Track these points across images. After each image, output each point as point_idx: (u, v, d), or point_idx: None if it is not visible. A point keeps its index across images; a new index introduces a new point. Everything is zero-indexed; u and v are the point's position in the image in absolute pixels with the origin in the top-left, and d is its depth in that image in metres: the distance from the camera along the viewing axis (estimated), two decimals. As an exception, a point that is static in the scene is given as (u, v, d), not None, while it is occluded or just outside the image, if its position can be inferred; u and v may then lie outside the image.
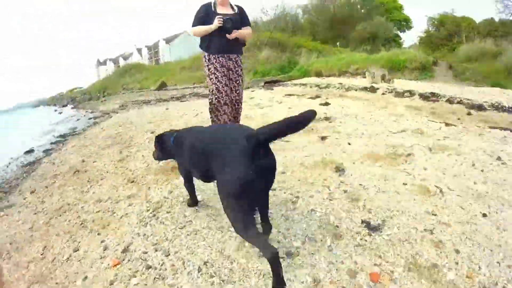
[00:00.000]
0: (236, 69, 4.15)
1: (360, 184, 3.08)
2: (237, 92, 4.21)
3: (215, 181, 1.96)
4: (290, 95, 10.21)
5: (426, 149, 3.97)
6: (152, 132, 6.08)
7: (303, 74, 15.92)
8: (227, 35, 3.92)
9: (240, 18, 4.05)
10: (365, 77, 11.67)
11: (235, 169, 1.68)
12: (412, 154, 3.79)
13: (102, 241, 2.58)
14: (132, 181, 3.76)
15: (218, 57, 4.01)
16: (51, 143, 8.38)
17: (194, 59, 29.48)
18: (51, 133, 11.09)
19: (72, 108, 26.78)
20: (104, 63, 70.24)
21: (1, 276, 2.57)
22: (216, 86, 4.02)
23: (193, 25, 4.02)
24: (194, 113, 7.72)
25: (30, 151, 7.91)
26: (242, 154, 1.67)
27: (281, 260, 1.77)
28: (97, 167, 4.64)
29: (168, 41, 55.09)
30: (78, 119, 14.08)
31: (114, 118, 10.63)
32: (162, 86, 22.69)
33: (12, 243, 2.96)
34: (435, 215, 2.48)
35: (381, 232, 2.29)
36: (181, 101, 11.79)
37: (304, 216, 2.56)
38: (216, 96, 4.05)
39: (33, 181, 4.80)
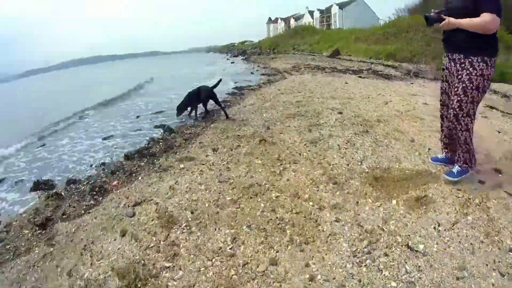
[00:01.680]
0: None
1: None
2: None
3: None
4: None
5: None
6: (340, 113, 5.14)
7: None
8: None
9: None
10: None
11: None
12: None
13: (306, 265, 2.03)
14: (335, 182, 2.94)
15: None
16: (227, 94, 8.59)
17: (372, 30, 27.04)
18: (227, 82, 11.65)
19: (242, 59, 28.66)
20: (275, 21, 72.74)
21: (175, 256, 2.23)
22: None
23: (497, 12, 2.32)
24: (381, 99, 6.33)
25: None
26: None
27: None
28: (286, 141, 4.06)
29: (341, 6, 52.34)
30: (251, 73, 14.55)
31: (289, 80, 10.19)
32: (336, 54, 21.54)
33: (193, 212, 2.64)
34: None
35: None
36: (359, 76, 10.53)
37: None
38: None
39: (214, 135, 4.69)
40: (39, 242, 2.68)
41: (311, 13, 61.47)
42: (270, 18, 75.74)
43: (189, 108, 6.39)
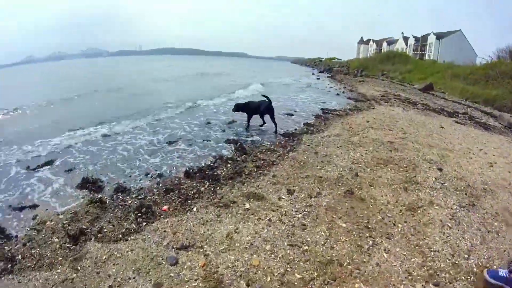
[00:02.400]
0: None
1: None
2: None
3: None
4: None
5: None
6: (440, 170, 4.55)
7: None
8: None
9: None
10: None
11: None
12: None
13: None
14: (436, 284, 2.31)
15: None
16: (311, 114, 8.44)
17: (472, 69, 24.68)
18: (312, 100, 11.59)
19: (328, 76, 28.22)
20: (367, 42, 70.39)
21: None
22: None
23: None
24: (484, 157, 5.47)
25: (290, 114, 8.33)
26: None
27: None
28: (377, 200, 3.54)
29: (439, 36, 48.50)
30: (337, 94, 14.16)
31: (378, 110, 9.63)
32: (428, 89, 19.97)
33: (249, 286, 2.27)
34: None
35: None
36: (456, 121, 9.56)
37: None
38: None
39: (291, 169, 4.38)
40: (64, 260, 2.49)
41: (405, 39, 58.34)
42: (362, 38, 73.54)
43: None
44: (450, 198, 3.74)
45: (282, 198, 3.52)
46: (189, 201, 3.44)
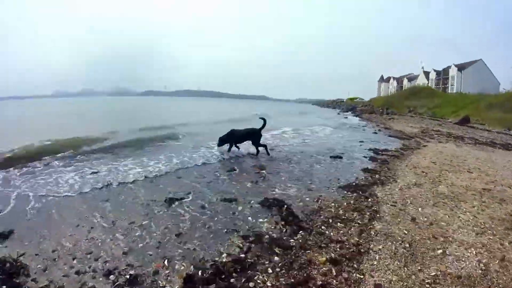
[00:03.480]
0: None
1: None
2: None
3: None
4: None
5: None
6: None
7: None
8: None
9: None
10: None
11: None
12: None
13: None
14: None
15: None
16: (364, 157, 7.19)
17: (506, 95, 23.49)
18: (354, 139, 10.25)
19: (353, 115, 27.23)
20: (387, 80, 70.13)
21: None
22: None
23: None
24: None
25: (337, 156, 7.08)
26: None
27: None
28: None
29: (461, 68, 47.62)
30: (374, 132, 12.97)
31: (430, 148, 8.54)
32: (465, 122, 18.71)
33: None
34: None
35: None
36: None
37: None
38: None
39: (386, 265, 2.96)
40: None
41: (426, 74, 57.75)
42: (382, 76, 73.53)
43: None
44: None
45: None
46: None
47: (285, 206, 3.71)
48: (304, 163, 6.31)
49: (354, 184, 4.85)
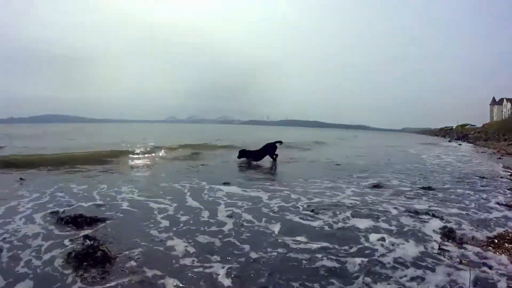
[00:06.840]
0: None
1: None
2: None
3: None
4: None
5: None
6: None
7: None
8: None
9: None
10: None
11: None
12: None
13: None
14: None
15: None
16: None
17: None
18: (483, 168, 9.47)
19: (467, 142, 27.57)
20: (500, 102, 64.70)
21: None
22: None
23: None
24: None
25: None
26: None
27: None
28: None
29: None
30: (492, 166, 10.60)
31: None
32: None
33: None
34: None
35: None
36: None
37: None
38: None
39: None
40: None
41: (547, 92, 51.98)
42: (494, 99, 67.76)
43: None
44: None
45: None
46: None
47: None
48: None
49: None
